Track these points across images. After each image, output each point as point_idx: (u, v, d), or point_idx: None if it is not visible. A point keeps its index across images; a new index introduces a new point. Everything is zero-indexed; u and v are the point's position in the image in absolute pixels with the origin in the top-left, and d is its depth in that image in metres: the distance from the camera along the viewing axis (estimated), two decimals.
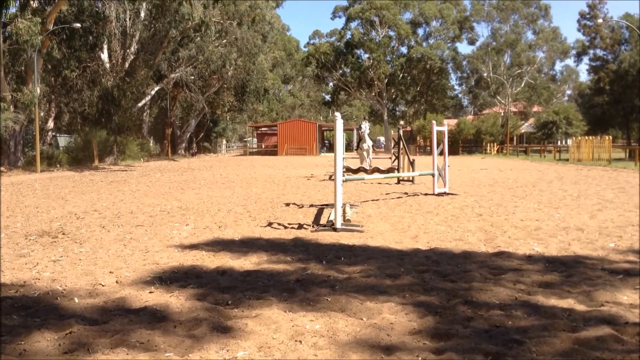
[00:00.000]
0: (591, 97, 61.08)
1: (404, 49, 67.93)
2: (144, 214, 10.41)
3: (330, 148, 61.38)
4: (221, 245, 7.11)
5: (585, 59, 63.92)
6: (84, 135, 33.96)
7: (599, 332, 3.67)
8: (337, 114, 9.01)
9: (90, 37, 31.53)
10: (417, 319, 4.10)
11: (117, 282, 5.27)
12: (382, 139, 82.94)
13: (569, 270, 5.63)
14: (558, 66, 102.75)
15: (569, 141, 46.29)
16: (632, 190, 14.60)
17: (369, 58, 65.09)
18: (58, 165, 28.86)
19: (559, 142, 57.12)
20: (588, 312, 4.24)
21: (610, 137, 36.40)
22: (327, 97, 77.87)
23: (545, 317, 4.12)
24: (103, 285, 5.12)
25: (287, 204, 11.92)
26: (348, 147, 45.45)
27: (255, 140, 70.28)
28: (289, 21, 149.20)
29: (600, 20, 52.39)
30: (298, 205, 11.68)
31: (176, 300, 4.57)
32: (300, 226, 8.79)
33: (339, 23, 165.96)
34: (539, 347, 3.46)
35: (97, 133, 33.62)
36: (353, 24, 66.65)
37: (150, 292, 4.86)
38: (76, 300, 4.64)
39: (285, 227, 8.69)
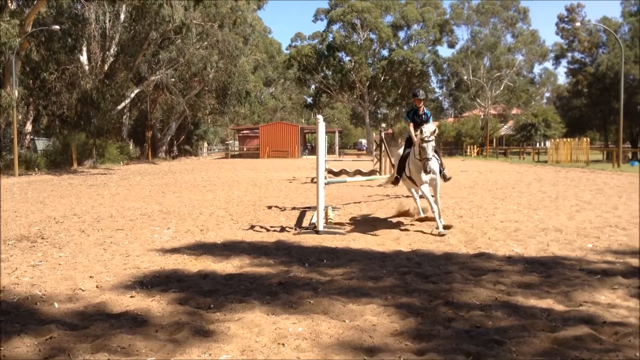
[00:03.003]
0: (569, 100, 61.95)
1: (385, 52, 68.25)
2: (124, 217, 10.32)
3: (312, 151, 61.37)
4: (203, 248, 7.07)
5: (564, 62, 64.88)
6: (62, 138, 33.48)
7: (578, 332, 3.73)
8: (319, 117, 9.04)
9: (69, 39, 31.13)
10: (399, 320, 4.13)
11: (97, 286, 5.22)
12: (363, 141, 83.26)
13: (548, 270, 5.71)
14: (537, 69, 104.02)
15: (548, 143, 46.84)
16: (610, 191, 14.83)
17: (350, 61, 65.31)
18: (36, 169, 28.43)
19: (537, 144, 57.81)
20: (567, 312, 4.30)
21: (588, 139, 36.93)
22: (309, 100, 77.90)
23: (524, 317, 4.17)
24: (83, 290, 5.07)
25: (269, 207, 11.90)
26: (330, 150, 45.50)
27: (237, 143, 70.05)
28: (271, 24, 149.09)
29: (578, 24, 53.16)
30: (280, 208, 11.67)
31: (157, 305, 4.54)
32: (282, 229, 8.78)
33: (321, 26, 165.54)
34: (518, 347, 3.50)
35: (76, 136, 33.17)
36: (335, 27, 66.78)
37: (131, 297, 4.82)
38: (56, 305, 4.58)
39: (268, 230, 8.68)
